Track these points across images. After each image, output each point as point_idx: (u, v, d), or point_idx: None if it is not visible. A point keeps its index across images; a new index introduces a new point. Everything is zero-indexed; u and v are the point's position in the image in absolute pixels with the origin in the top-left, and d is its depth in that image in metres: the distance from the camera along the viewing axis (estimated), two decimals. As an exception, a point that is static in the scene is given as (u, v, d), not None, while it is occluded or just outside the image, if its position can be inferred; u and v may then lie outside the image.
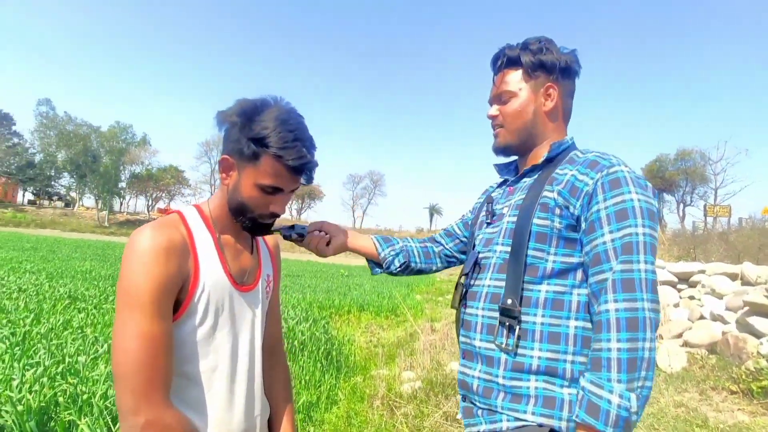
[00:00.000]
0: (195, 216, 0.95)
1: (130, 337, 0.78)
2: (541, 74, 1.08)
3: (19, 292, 5.87)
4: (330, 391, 3.92)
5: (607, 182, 0.92)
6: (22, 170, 52.72)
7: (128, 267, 0.81)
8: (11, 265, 9.80)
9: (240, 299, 0.97)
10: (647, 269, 0.86)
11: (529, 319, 0.96)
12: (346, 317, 8.36)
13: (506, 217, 1.06)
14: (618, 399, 0.80)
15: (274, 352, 1.15)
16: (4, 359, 3.06)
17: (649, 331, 0.82)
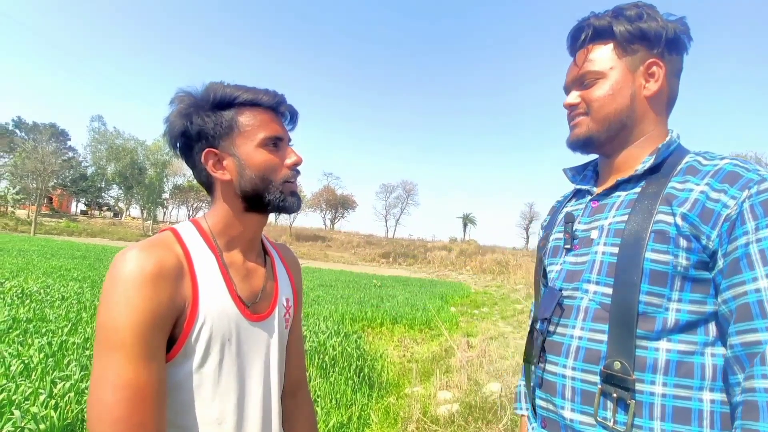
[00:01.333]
0: (192, 232, 0.78)
1: (109, 385, 0.63)
2: (641, 48, 0.82)
3: (62, 300, 6.04)
4: (362, 410, 3.72)
5: (758, 203, 0.67)
6: (75, 182, 56.17)
7: (108, 298, 0.66)
8: (60, 272, 10.25)
9: (251, 330, 0.79)
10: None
11: (644, 388, 0.71)
12: (378, 330, 8.16)
13: (600, 245, 0.80)
14: None
15: (296, 395, 0.97)
16: (37, 370, 3.06)
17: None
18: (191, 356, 0.72)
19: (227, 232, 0.81)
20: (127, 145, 50.72)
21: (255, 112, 0.79)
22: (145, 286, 0.66)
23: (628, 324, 0.72)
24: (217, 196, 0.81)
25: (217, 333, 0.74)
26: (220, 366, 0.74)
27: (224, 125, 0.78)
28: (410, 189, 61.93)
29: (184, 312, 0.71)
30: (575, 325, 0.80)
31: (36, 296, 6.08)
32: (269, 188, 0.79)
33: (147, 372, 0.65)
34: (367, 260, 47.13)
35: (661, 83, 0.83)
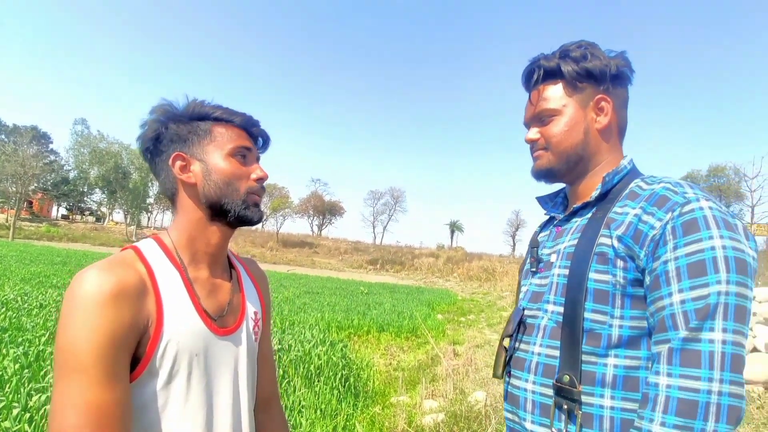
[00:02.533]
0: (154, 249, 0.78)
1: (71, 409, 0.61)
2: (588, 85, 0.89)
3: (40, 308, 5.88)
4: (347, 421, 3.69)
5: (679, 225, 0.72)
6: (57, 186, 54.96)
7: (67, 320, 0.64)
8: (39, 279, 9.99)
9: (219, 345, 0.78)
10: (726, 340, 0.65)
11: (593, 401, 0.76)
12: (365, 338, 8.11)
13: (556, 267, 0.87)
14: None
15: (269, 409, 0.96)
16: (12, 381, 2.96)
17: (716, 422, 0.62)
18: (156, 375, 0.71)
19: (191, 245, 0.80)
20: (111, 148, 49.91)
21: (228, 127, 0.82)
22: (104, 307, 0.64)
23: (575, 340, 0.78)
24: (181, 204, 0.81)
25: (183, 349, 0.72)
26: (188, 383, 0.73)
27: (198, 133, 0.80)
28: (398, 196, 62.11)
29: (148, 331, 0.70)
30: (535, 342, 0.86)
31: (12, 304, 5.90)
32: (232, 195, 0.80)
33: (110, 394, 0.63)
34: (355, 267, 46.95)
35: (611, 116, 0.89)
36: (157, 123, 0.80)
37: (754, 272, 0.71)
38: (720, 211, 0.72)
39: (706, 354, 0.65)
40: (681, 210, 0.73)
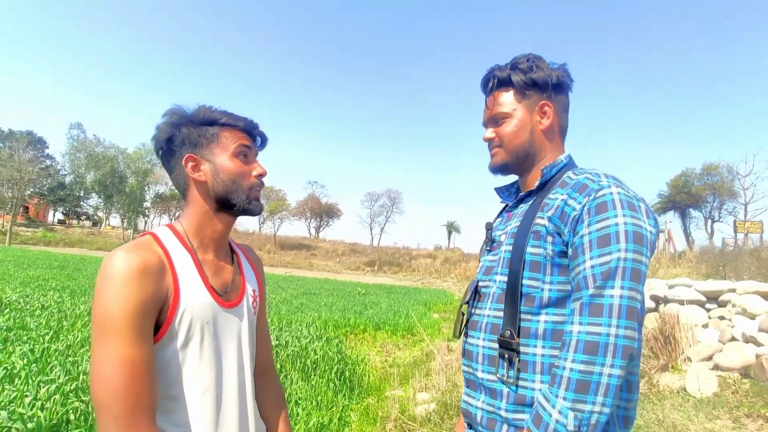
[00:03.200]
0: (169, 235, 0.93)
1: (109, 363, 0.76)
2: (534, 93, 1.05)
3: (42, 309, 6.01)
4: (343, 412, 3.84)
5: (593, 207, 0.89)
6: (53, 191, 54.85)
7: (102, 292, 0.79)
8: (38, 282, 10.09)
9: (225, 316, 0.94)
10: (623, 295, 0.81)
11: (528, 350, 0.92)
12: (361, 336, 8.26)
13: (504, 245, 1.03)
14: (557, 415, 0.79)
15: (265, 374, 1.12)
16: (20, 375, 3.10)
17: (612, 357, 0.79)
18: (175, 338, 0.86)
19: (200, 233, 0.95)
20: (108, 153, 49.84)
21: (233, 131, 0.97)
22: (133, 281, 0.79)
23: (515, 302, 0.94)
24: (192, 197, 0.96)
25: (196, 318, 0.88)
26: (201, 346, 0.88)
27: (206, 137, 0.94)
28: (395, 197, 62.19)
29: (167, 301, 0.85)
30: (486, 306, 1.02)
31: (15, 305, 6.03)
32: (238, 191, 0.95)
33: (139, 351, 0.78)
34: (352, 269, 47.03)
35: (552, 119, 1.06)
36: (170, 126, 0.94)
37: (651, 243, 0.87)
38: (627, 196, 0.89)
39: (607, 306, 0.81)
40: (595, 195, 0.89)
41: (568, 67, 1.08)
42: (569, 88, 1.09)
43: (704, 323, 4.93)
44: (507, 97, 1.07)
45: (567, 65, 1.08)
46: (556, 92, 1.06)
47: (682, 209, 40.54)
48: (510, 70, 1.06)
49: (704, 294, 5.26)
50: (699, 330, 4.72)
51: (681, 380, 3.97)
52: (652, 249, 0.88)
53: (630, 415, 0.92)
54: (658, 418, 3.43)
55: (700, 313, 5.04)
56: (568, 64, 1.08)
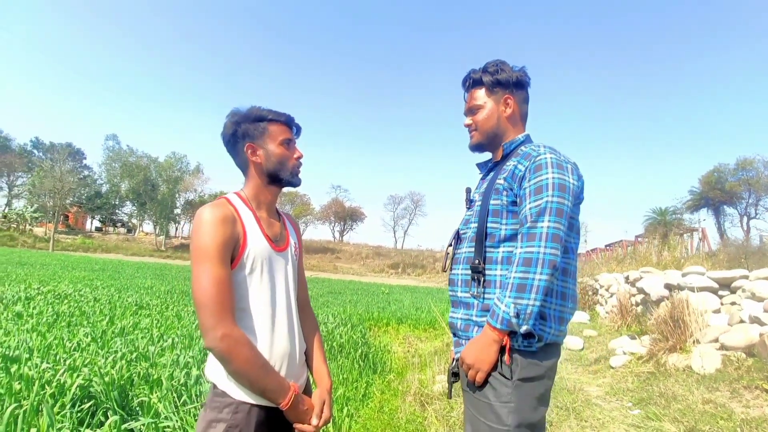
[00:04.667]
0: (236, 199, 1.30)
1: (206, 277, 1.12)
2: (499, 89, 1.40)
3: (95, 301, 6.63)
4: (366, 388, 4.19)
5: (533, 168, 1.23)
6: (91, 200, 57.61)
7: (199, 231, 1.16)
8: (84, 282, 10.90)
9: (276, 256, 1.30)
10: (549, 226, 1.15)
11: (491, 273, 1.27)
12: (384, 328, 8.61)
13: (477, 202, 1.39)
14: (504, 307, 1.14)
15: (304, 307, 1.48)
16: (88, 349, 3.61)
17: (542, 267, 1.12)
18: (244, 268, 1.23)
19: (257, 198, 1.33)
20: (140, 162, 52.00)
21: (277, 124, 1.33)
22: (218, 224, 1.17)
23: (482, 240, 1.29)
24: (251, 174, 1.33)
25: (258, 256, 1.25)
26: (261, 275, 1.25)
27: (259, 130, 1.31)
28: (417, 200, 62.43)
29: (239, 242, 1.22)
30: (463, 246, 1.38)
31: (71, 297, 6.67)
32: (284, 169, 1.32)
33: (224, 271, 1.15)
34: (376, 271, 47.48)
35: (514, 108, 1.41)
36: (233, 124, 1.31)
37: (573, 191, 1.20)
38: (557, 159, 1.22)
39: (538, 234, 1.14)
40: (534, 159, 1.24)
41: (526, 69, 1.43)
42: (528, 85, 1.44)
43: (716, 309, 5.05)
44: (480, 93, 1.42)
45: (526, 68, 1.43)
46: (517, 88, 1.41)
47: (716, 206, 39.11)
48: (482, 73, 1.42)
49: (717, 281, 5.37)
50: (710, 315, 4.86)
51: (687, 359, 4.15)
52: (575, 195, 1.22)
53: (564, 317, 1.26)
54: (660, 391, 3.65)
55: (713, 300, 5.16)
56: (526, 67, 1.43)
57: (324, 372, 1.42)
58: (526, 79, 1.43)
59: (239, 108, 1.34)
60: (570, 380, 4.53)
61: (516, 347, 1.20)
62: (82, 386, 2.60)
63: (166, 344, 3.96)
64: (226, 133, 1.32)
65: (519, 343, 1.20)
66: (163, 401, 2.66)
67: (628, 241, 19.09)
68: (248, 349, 1.14)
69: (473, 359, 1.20)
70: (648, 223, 31.20)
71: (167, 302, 7.45)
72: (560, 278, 1.26)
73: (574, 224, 1.29)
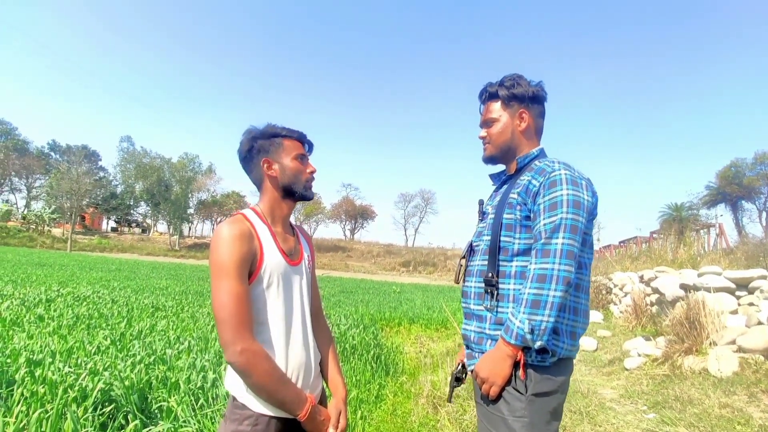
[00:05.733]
0: (253, 215, 1.33)
1: (225, 293, 1.16)
2: (515, 103, 1.40)
3: (113, 303, 6.77)
4: (379, 390, 4.22)
5: (547, 184, 1.24)
6: (106, 201, 58.64)
7: (217, 248, 1.20)
8: (102, 283, 11.12)
9: (291, 270, 1.34)
10: (564, 242, 1.15)
11: (504, 286, 1.28)
12: (396, 329, 8.63)
13: (490, 214, 1.40)
14: (518, 323, 1.15)
15: (317, 317, 1.51)
16: (108, 352, 3.70)
17: (556, 283, 1.13)
18: (261, 282, 1.26)
19: (272, 213, 1.36)
20: (154, 163, 52.72)
21: (291, 140, 1.37)
22: (237, 241, 1.20)
23: (495, 253, 1.30)
24: (266, 188, 1.36)
25: (274, 270, 1.28)
26: (278, 289, 1.29)
27: (275, 145, 1.35)
28: (428, 197, 62.27)
29: (256, 257, 1.25)
30: (476, 259, 1.39)
31: (90, 299, 6.83)
32: (297, 183, 1.35)
33: (242, 286, 1.19)
34: (388, 269, 47.55)
35: (528, 122, 1.41)
36: (249, 140, 1.36)
37: (587, 208, 1.21)
38: (571, 175, 1.23)
39: (553, 250, 1.15)
40: (549, 176, 1.24)
41: (543, 84, 1.43)
42: (544, 99, 1.44)
43: (733, 310, 4.97)
44: (495, 106, 1.43)
45: (543, 83, 1.43)
46: (533, 102, 1.41)
47: (734, 202, 38.35)
48: (498, 87, 1.42)
49: (734, 281, 5.29)
50: (726, 316, 4.79)
51: (703, 362, 4.10)
52: (589, 211, 1.23)
53: (576, 332, 1.26)
54: (676, 394, 3.61)
55: (730, 300, 5.09)
56: (543, 82, 1.44)
57: (339, 382, 1.44)
58: (543, 93, 1.43)
59: (255, 126, 1.38)
60: (584, 383, 4.51)
61: (530, 362, 1.21)
62: (103, 390, 2.67)
63: (183, 347, 4.04)
64: (242, 149, 1.36)
65: (533, 359, 1.21)
66: (181, 405, 2.73)
67: (642, 237, 18.83)
68: (267, 362, 1.17)
69: (487, 373, 1.22)
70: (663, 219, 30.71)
71: (182, 303, 7.57)
72: (573, 293, 1.26)
73: (588, 239, 1.30)
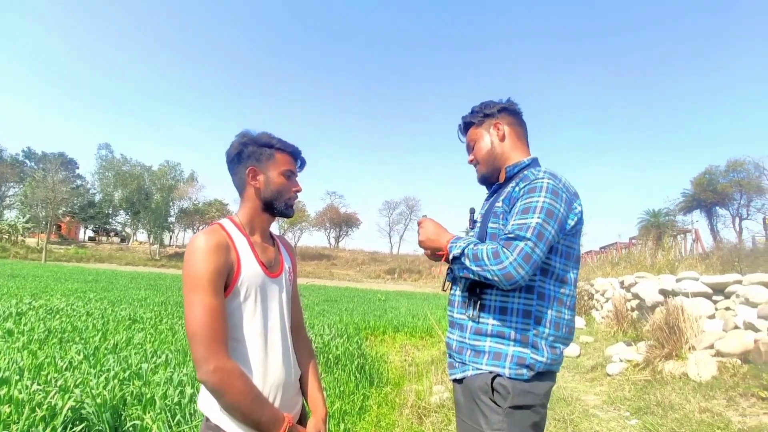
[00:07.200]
0: (230, 225, 1.28)
1: (198, 308, 1.10)
2: (487, 119, 1.44)
3: (87, 315, 6.55)
4: (363, 401, 4.16)
5: (527, 190, 1.23)
6: (83, 209, 57.11)
7: (192, 260, 1.14)
8: (77, 294, 10.78)
9: (270, 282, 1.29)
10: (526, 244, 1.13)
11: (486, 297, 1.27)
12: (381, 338, 8.57)
13: (478, 224, 1.40)
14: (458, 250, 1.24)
15: (298, 332, 1.46)
16: (80, 368, 3.55)
17: (498, 268, 1.13)
18: (238, 296, 1.21)
19: (251, 223, 1.31)
20: (134, 171, 51.64)
21: (284, 154, 1.32)
22: (212, 253, 1.15)
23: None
24: (247, 197, 1.31)
25: (252, 283, 1.23)
26: (255, 303, 1.23)
27: (265, 155, 1.29)
28: (413, 205, 62.43)
29: (233, 269, 1.20)
30: None
31: (64, 312, 6.59)
32: (279, 200, 1.31)
33: (216, 301, 1.13)
34: (372, 277, 47.38)
35: (503, 131, 1.42)
36: (240, 144, 1.29)
37: (559, 219, 1.19)
38: (554, 185, 1.21)
39: (514, 246, 1.13)
40: (531, 182, 1.23)
41: (512, 99, 1.47)
42: (516, 110, 1.46)
43: (710, 314, 5.07)
44: (473, 131, 1.47)
45: (511, 98, 1.47)
46: (503, 113, 1.43)
47: (708, 208, 39.44)
48: (470, 115, 1.48)
49: (711, 286, 5.40)
50: (704, 321, 4.88)
51: (683, 367, 4.16)
52: (561, 224, 1.20)
53: (556, 346, 1.25)
54: (657, 400, 3.65)
55: (707, 305, 5.19)
56: (512, 98, 1.48)
57: (319, 400, 1.40)
58: (513, 105, 1.45)
59: (250, 130, 1.33)
60: (567, 389, 4.53)
61: (507, 375, 1.19)
62: (74, 408, 2.56)
63: (160, 360, 3.91)
64: (231, 151, 1.31)
65: (511, 372, 1.19)
66: (156, 422, 2.63)
67: (622, 243, 19.20)
68: (241, 381, 1.12)
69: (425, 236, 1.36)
70: (642, 225, 31.40)
71: (161, 315, 7.38)
72: (555, 308, 1.25)
73: (573, 253, 1.29)
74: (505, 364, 1.20)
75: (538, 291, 1.23)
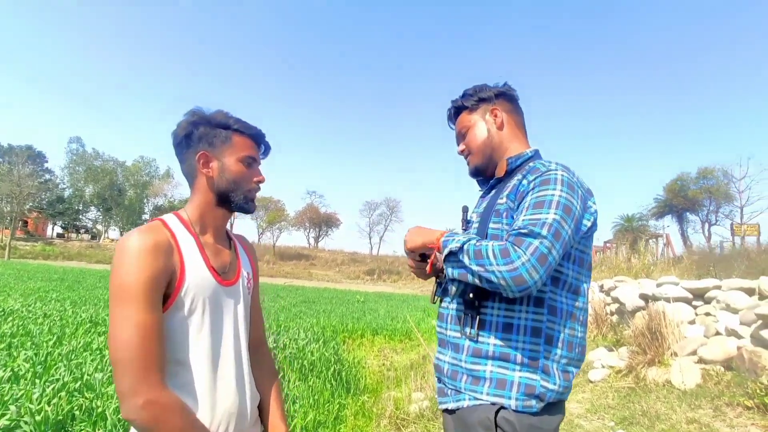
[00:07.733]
0: (175, 221, 1.05)
1: (126, 326, 0.87)
2: (483, 105, 1.25)
3: (44, 317, 6.11)
4: (339, 411, 3.94)
5: (539, 182, 1.04)
6: (52, 205, 54.78)
7: (120, 265, 0.91)
8: (39, 294, 10.18)
9: (223, 292, 1.06)
10: (542, 242, 0.93)
11: (487, 311, 1.06)
12: (359, 341, 8.35)
13: (473, 224, 1.19)
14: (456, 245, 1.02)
15: (258, 349, 1.23)
16: (26, 377, 3.22)
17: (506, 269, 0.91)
18: (180, 309, 0.98)
19: (202, 220, 1.08)
20: (107, 166, 50.07)
21: (243, 137, 1.09)
22: (146, 256, 0.92)
23: None
24: (198, 188, 1.08)
25: (199, 293, 1.00)
26: (202, 317, 1.01)
27: (220, 138, 1.06)
28: (393, 206, 62.17)
29: (175, 276, 0.97)
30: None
31: (18, 314, 6.13)
32: (237, 191, 1.08)
33: (151, 316, 0.90)
34: (352, 278, 47.01)
35: (503, 118, 1.24)
36: (190, 124, 1.05)
37: (576, 217, 1.01)
38: (569, 178, 1.03)
39: (527, 243, 0.93)
40: (542, 174, 1.04)
41: (508, 83, 1.28)
42: (514, 96, 1.28)
43: (691, 320, 5.04)
44: (465, 117, 1.28)
45: (509, 83, 1.28)
46: (502, 99, 1.25)
47: (679, 213, 40.67)
48: (462, 99, 1.28)
49: (691, 291, 5.39)
50: (685, 326, 4.84)
51: (667, 374, 4.09)
52: (576, 222, 1.01)
53: (569, 370, 1.05)
54: (643, 409, 3.55)
55: (687, 310, 5.17)
56: (508, 83, 1.29)
57: (281, 428, 1.18)
58: (511, 90, 1.27)
59: (201, 108, 1.09)
60: (550, 396, 4.41)
61: (513, 408, 1.00)
62: (8, 428, 2.26)
63: (118, 369, 3.60)
64: (179, 132, 1.07)
65: (518, 404, 1.00)
66: (106, 440, 2.36)
67: (597, 247, 19.51)
68: (179, 417, 0.90)
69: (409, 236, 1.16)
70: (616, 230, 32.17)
71: (127, 317, 6.97)
72: (568, 324, 1.06)
73: (586, 260, 1.11)
74: (510, 393, 1.00)
75: (549, 304, 1.04)
